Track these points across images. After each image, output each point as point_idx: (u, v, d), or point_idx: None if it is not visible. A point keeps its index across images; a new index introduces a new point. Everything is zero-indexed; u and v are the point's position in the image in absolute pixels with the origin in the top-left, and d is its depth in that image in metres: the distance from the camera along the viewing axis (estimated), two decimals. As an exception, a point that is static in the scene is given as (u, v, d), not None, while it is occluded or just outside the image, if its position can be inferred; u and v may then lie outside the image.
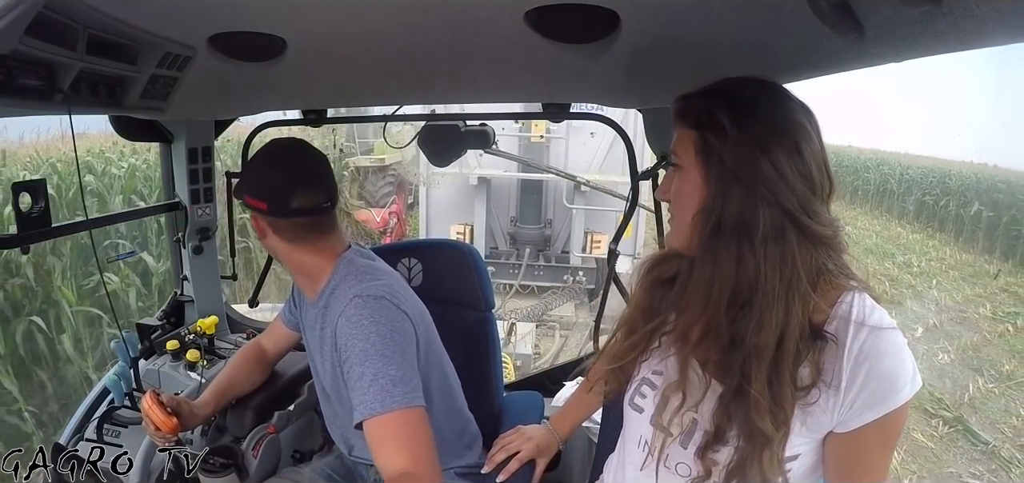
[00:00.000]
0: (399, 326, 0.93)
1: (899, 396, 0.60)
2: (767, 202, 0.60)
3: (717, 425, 0.65)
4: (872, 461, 0.63)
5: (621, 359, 0.78)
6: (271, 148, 1.02)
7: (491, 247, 7.08)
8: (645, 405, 0.75)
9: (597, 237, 6.59)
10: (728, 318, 0.63)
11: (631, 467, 0.78)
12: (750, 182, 0.61)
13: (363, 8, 0.74)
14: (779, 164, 0.60)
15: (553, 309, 6.59)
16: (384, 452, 0.85)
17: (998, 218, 11.43)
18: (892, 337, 0.61)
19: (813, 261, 0.62)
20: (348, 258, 1.02)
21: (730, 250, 0.62)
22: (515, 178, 6.75)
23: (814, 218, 0.61)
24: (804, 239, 0.61)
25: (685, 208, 0.67)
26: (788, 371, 0.61)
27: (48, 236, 1.09)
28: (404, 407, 0.86)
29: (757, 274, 0.61)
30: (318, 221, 0.99)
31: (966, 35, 0.52)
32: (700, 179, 0.65)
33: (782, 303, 0.60)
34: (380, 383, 0.86)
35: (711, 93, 0.66)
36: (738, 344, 0.62)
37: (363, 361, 0.88)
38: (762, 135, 0.61)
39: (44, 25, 0.66)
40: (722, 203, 0.62)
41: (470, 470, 1.13)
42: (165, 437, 1.06)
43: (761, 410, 0.61)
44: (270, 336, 1.28)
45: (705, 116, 0.64)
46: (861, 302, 0.62)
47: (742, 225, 0.61)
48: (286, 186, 0.96)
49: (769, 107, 0.63)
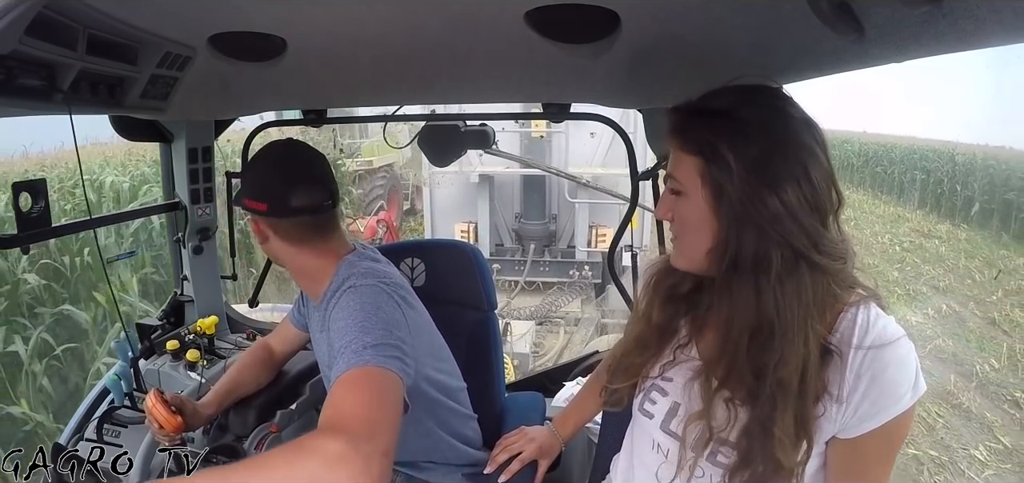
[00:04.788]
0: (385, 307, 0.89)
1: (900, 404, 0.60)
2: (777, 243, 0.60)
3: (743, 451, 0.64)
4: (874, 467, 0.63)
5: (634, 375, 0.78)
6: (268, 150, 1.02)
7: (496, 244, 7.04)
8: (655, 411, 0.75)
9: (602, 231, 6.55)
10: (750, 352, 0.63)
11: (643, 469, 0.77)
12: (760, 223, 0.60)
13: (363, 8, 0.74)
14: (788, 200, 0.59)
15: (560, 307, 6.56)
16: (327, 404, 0.72)
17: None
18: (896, 348, 0.60)
19: (822, 287, 0.61)
20: (350, 260, 0.99)
21: (749, 284, 0.61)
22: (518, 174, 6.72)
23: (825, 252, 0.61)
24: (816, 273, 0.61)
25: (692, 235, 0.66)
26: (810, 401, 0.60)
27: (48, 236, 1.09)
28: (363, 365, 0.76)
29: (776, 308, 0.60)
30: (319, 221, 0.99)
31: (966, 35, 0.52)
32: (709, 212, 0.63)
33: (802, 335, 0.60)
34: (351, 348, 0.79)
35: (711, 115, 0.63)
36: (761, 377, 0.62)
37: (343, 334, 0.83)
38: (768, 167, 0.60)
39: (44, 25, 0.66)
40: (736, 241, 0.61)
41: (472, 470, 1.13)
42: (168, 436, 1.06)
43: (785, 446, 0.61)
44: (278, 336, 1.27)
45: (707, 148, 0.62)
46: (866, 314, 0.62)
47: (757, 262, 0.61)
48: (285, 186, 0.96)
49: (773, 132, 0.61)
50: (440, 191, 7.06)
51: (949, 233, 11.73)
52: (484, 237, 6.78)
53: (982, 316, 7.52)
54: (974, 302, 7.98)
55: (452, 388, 1.11)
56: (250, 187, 1.00)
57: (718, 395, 0.67)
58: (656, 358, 0.77)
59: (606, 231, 6.50)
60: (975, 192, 12.52)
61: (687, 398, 0.72)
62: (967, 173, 13.12)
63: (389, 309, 0.89)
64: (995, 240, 10.82)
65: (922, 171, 14.63)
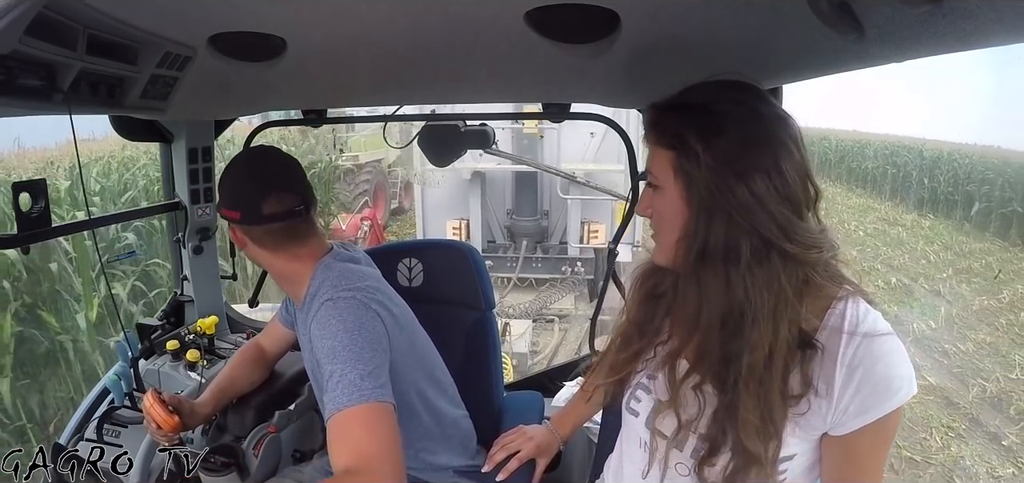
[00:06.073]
0: (367, 324, 0.92)
1: (892, 401, 0.60)
2: (746, 232, 0.60)
3: (712, 439, 0.65)
4: (866, 463, 0.63)
5: (618, 371, 0.78)
6: (240, 158, 1.03)
7: (488, 241, 7.06)
8: (640, 409, 0.76)
9: (594, 227, 6.57)
10: (721, 339, 0.63)
11: (631, 467, 0.78)
12: (727, 211, 0.60)
13: (363, 8, 0.74)
14: (756, 189, 0.59)
15: (552, 304, 6.56)
16: (334, 448, 0.82)
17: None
18: (885, 343, 0.60)
19: (799, 277, 0.61)
20: (326, 263, 1.00)
21: (718, 274, 0.62)
22: (510, 171, 6.72)
23: (796, 241, 0.60)
24: (787, 262, 0.61)
25: (667, 229, 0.67)
26: (776, 388, 0.60)
27: (48, 236, 1.09)
28: (364, 402, 0.82)
29: (746, 296, 0.60)
30: (292, 226, 0.99)
31: (966, 35, 0.52)
32: (680, 203, 0.64)
33: (771, 324, 0.60)
34: (347, 379, 0.84)
35: (683, 108, 0.64)
36: (731, 362, 0.62)
37: (331, 359, 0.87)
38: (737, 157, 0.60)
39: (44, 25, 0.66)
40: (705, 230, 0.62)
41: (469, 469, 1.13)
42: (166, 436, 1.07)
43: (749, 430, 0.61)
44: (268, 336, 1.28)
45: (677, 139, 0.63)
46: (854, 309, 0.62)
47: (727, 251, 0.61)
48: (257, 193, 0.97)
49: (743, 124, 0.61)
50: (432, 188, 7.06)
51: (914, 222, 13.03)
52: (476, 234, 6.79)
53: (929, 289, 8.61)
54: (924, 278, 9.14)
55: (440, 386, 1.12)
56: (225, 195, 1.01)
57: (686, 383, 0.67)
58: (641, 356, 0.77)
59: (598, 227, 6.51)
60: (940, 184, 13.85)
61: (660, 381, 0.73)
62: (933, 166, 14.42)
63: (371, 324, 0.92)
64: (957, 228, 12.23)
65: (892, 165, 15.78)
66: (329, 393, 0.84)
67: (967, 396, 5.70)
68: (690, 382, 0.67)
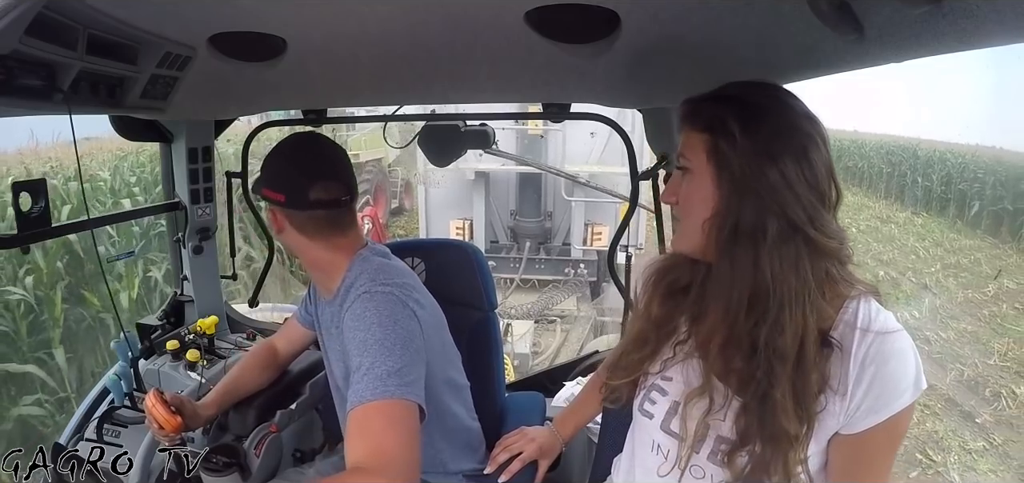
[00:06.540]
0: (402, 320, 0.90)
1: (902, 399, 0.60)
2: (774, 213, 0.61)
3: (741, 433, 0.65)
4: (875, 462, 0.64)
5: (632, 372, 0.78)
6: (290, 142, 1.01)
7: (491, 241, 7.05)
8: (655, 411, 0.75)
9: (597, 229, 6.57)
10: (748, 324, 0.64)
11: (643, 470, 0.78)
12: (758, 191, 0.62)
13: (363, 8, 0.74)
14: (787, 173, 0.61)
15: (555, 305, 6.55)
16: (351, 441, 0.79)
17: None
18: (897, 341, 0.61)
19: (820, 268, 0.63)
20: (363, 256, 1.00)
21: (747, 253, 0.63)
22: (514, 171, 6.71)
23: (821, 230, 0.62)
24: (811, 249, 0.62)
25: (694, 212, 0.68)
26: (810, 372, 0.61)
27: (48, 236, 1.09)
28: (389, 398, 0.80)
29: (774, 277, 0.61)
30: (336, 216, 0.98)
31: (966, 35, 0.52)
32: (711, 184, 0.65)
33: (800, 307, 0.61)
34: (374, 373, 0.82)
35: (720, 98, 0.66)
36: (759, 350, 0.63)
37: (361, 352, 0.85)
38: (771, 142, 0.62)
39: (44, 25, 0.66)
40: (736, 211, 0.63)
41: (474, 472, 1.12)
42: (168, 436, 1.06)
43: (788, 412, 0.61)
44: (284, 336, 1.26)
45: (716, 121, 0.64)
46: (867, 308, 0.63)
47: (755, 230, 0.62)
48: (305, 179, 0.95)
49: (777, 113, 0.64)
50: (435, 188, 7.05)
51: (907, 220, 13.38)
52: (479, 234, 6.78)
53: (916, 283, 8.93)
54: (912, 272, 9.45)
55: (460, 391, 1.11)
56: (270, 176, 0.99)
57: (714, 369, 0.68)
58: (656, 355, 0.77)
59: (602, 229, 6.50)
60: (933, 183, 14.24)
61: (687, 385, 0.72)
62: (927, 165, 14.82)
63: (405, 320, 0.90)
64: (949, 226, 12.52)
65: (888, 164, 16.15)
66: (354, 385, 0.82)
67: (945, 379, 5.95)
68: (717, 368, 0.68)
